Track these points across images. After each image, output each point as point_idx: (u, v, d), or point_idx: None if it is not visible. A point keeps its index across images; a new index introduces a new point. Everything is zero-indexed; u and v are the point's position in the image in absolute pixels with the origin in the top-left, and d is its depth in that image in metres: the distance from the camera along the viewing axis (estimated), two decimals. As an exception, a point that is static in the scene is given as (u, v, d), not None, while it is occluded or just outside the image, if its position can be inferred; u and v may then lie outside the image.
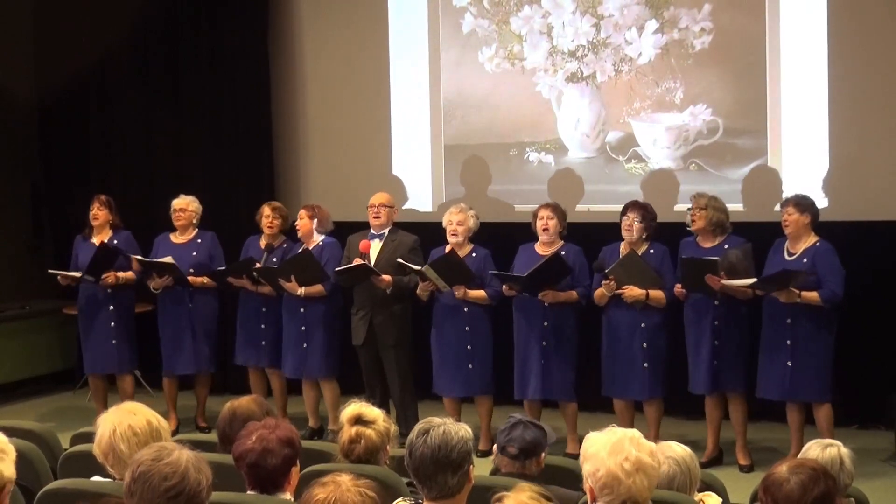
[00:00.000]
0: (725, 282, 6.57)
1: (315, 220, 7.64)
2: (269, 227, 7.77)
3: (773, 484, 3.23)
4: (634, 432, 3.38)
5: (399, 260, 7.23)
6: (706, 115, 7.96)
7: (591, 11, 8.20)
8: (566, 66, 8.31)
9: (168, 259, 7.75)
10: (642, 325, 6.95)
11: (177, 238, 7.99)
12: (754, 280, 6.58)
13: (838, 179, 7.61)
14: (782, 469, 3.26)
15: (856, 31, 7.56)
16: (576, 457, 7.09)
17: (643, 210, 7.00)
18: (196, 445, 3.18)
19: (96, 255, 7.76)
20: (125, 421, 3.70)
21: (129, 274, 7.89)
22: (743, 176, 7.88)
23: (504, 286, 7.11)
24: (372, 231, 7.49)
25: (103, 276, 7.78)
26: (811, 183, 7.49)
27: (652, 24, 8.03)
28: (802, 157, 7.76)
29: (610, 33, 8.16)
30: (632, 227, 6.93)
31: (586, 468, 3.33)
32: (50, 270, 8.04)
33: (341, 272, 7.32)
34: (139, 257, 7.87)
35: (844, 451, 4.12)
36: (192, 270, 7.85)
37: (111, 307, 7.93)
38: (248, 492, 3.65)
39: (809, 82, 7.68)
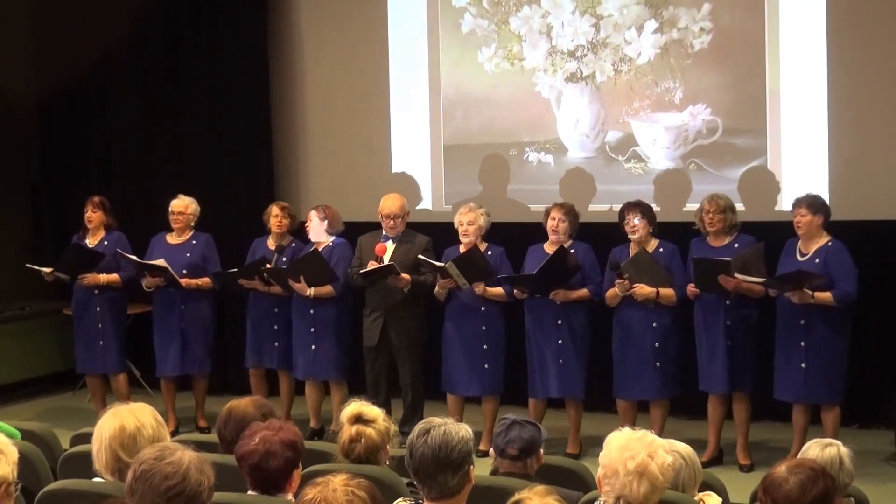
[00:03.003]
0: (740, 276, 6.56)
1: (326, 221, 7.62)
2: (278, 226, 7.75)
3: (772, 484, 3.24)
4: (657, 441, 3.42)
5: (420, 256, 7.21)
6: (705, 114, 7.96)
7: (591, 11, 8.20)
8: (565, 65, 8.31)
9: (161, 262, 7.73)
10: (654, 324, 6.95)
11: (172, 239, 7.98)
12: (768, 278, 6.58)
13: (837, 179, 7.61)
14: (781, 469, 3.27)
15: (855, 30, 7.56)
16: (576, 456, 7.16)
17: (640, 207, 7.00)
18: (196, 446, 3.18)
19: (66, 253, 7.78)
20: (119, 426, 3.69)
21: (114, 276, 7.88)
22: (742, 175, 7.87)
23: (515, 290, 7.11)
24: (385, 233, 7.48)
25: (81, 277, 7.78)
26: (810, 182, 7.48)
27: (651, 24, 8.03)
28: (802, 157, 7.76)
29: (609, 33, 8.16)
30: (636, 227, 6.93)
31: (599, 457, 3.44)
32: (28, 265, 8.04)
33: (365, 275, 7.29)
34: (133, 257, 7.85)
35: (844, 450, 4.12)
36: (185, 272, 7.83)
37: (98, 308, 7.94)
38: (250, 492, 3.66)
39: (809, 82, 7.67)
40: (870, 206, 7.54)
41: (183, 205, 7.94)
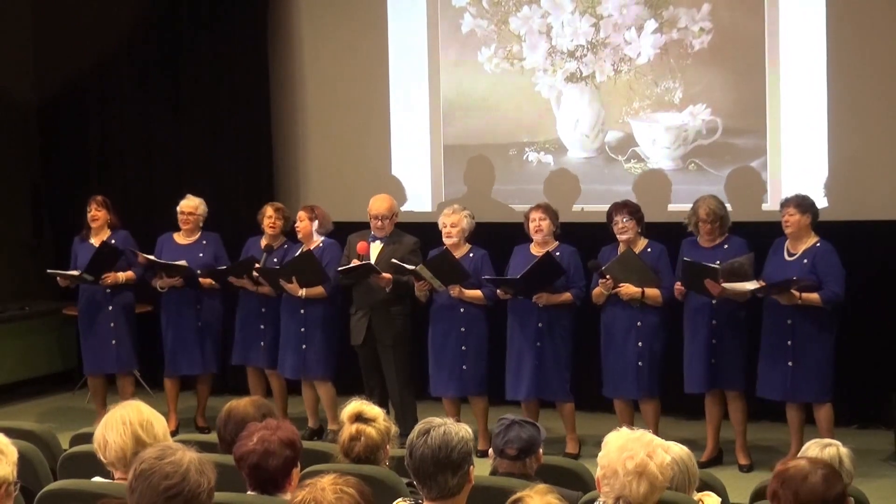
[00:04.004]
0: (726, 284, 6.56)
1: (315, 222, 7.64)
2: (271, 227, 7.76)
3: (793, 477, 3.19)
4: (656, 441, 3.42)
5: (393, 260, 7.22)
6: (705, 114, 7.96)
7: (591, 11, 8.20)
8: (565, 66, 8.31)
9: (183, 263, 7.76)
10: (638, 323, 6.94)
11: (181, 239, 7.98)
12: (755, 287, 6.55)
13: (837, 179, 7.61)
14: (801, 463, 3.23)
15: (855, 30, 7.56)
16: (575, 457, 7.17)
17: (627, 208, 6.99)
18: (197, 446, 3.18)
19: (97, 254, 7.76)
20: (136, 409, 3.70)
21: (130, 274, 7.90)
22: (741, 175, 7.87)
23: (498, 290, 7.11)
24: (373, 233, 7.49)
25: (104, 276, 7.79)
26: (810, 182, 7.49)
27: (651, 24, 8.03)
28: (802, 157, 7.76)
29: (609, 33, 8.16)
30: (625, 228, 6.93)
31: (598, 458, 3.44)
32: (49, 270, 8.05)
33: (344, 272, 7.32)
34: (151, 257, 7.86)
35: (844, 450, 4.12)
36: (199, 272, 7.85)
37: (110, 307, 7.94)
38: (249, 492, 3.66)
39: (809, 82, 7.67)
40: (870, 206, 7.55)
41: (193, 205, 7.95)
